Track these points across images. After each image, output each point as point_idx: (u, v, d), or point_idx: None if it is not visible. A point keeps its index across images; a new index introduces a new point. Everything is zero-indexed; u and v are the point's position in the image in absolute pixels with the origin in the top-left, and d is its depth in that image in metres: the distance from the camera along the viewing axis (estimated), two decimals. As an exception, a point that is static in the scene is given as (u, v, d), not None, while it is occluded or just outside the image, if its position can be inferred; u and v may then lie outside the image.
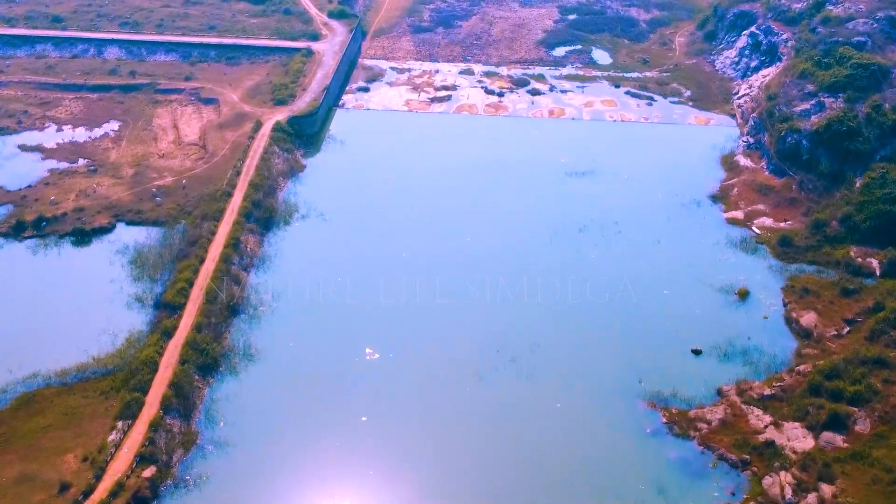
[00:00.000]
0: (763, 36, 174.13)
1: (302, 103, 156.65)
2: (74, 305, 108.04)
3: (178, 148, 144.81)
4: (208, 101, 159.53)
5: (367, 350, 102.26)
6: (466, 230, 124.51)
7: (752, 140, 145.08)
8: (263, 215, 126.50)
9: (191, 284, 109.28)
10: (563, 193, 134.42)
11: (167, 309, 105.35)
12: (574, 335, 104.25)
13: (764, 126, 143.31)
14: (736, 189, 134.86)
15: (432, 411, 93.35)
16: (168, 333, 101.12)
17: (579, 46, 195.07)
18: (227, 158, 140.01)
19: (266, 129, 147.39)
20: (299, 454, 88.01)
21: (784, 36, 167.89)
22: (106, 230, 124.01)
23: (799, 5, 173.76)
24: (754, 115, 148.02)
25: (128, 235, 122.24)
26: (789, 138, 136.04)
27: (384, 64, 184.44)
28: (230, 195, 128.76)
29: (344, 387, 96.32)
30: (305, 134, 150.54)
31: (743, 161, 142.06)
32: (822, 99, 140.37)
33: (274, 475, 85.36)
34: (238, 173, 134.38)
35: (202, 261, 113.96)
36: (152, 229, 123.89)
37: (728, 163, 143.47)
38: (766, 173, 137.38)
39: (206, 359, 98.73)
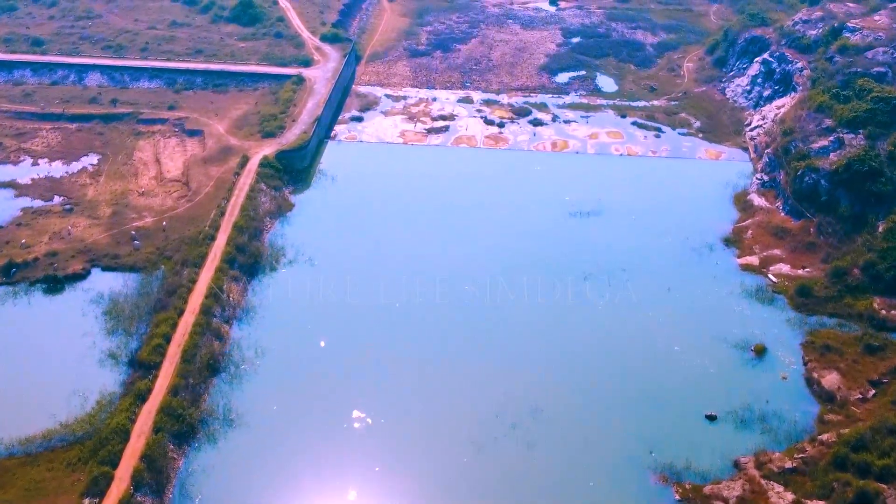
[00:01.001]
0: (776, 64, 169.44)
1: (291, 136, 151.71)
2: (43, 362, 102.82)
3: (159, 185, 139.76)
4: (193, 133, 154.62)
5: (357, 413, 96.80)
6: (465, 277, 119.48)
7: (766, 178, 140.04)
8: (248, 260, 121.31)
9: (168, 340, 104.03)
10: (568, 236, 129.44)
11: (142, 368, 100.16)
12: (579, 398, 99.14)
13: (779, 163, 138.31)
14: (750, 232, 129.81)
15: (426, 484, 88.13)
16: (142, 397, 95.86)
17: (583, 72, 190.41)
18: (210, 196, 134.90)
19: (253, 164, 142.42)
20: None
21: (799, 65, 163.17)
22: (80, 277, 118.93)
23: (814, 32, 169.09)
24: (769, 150, 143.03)
25: (103, 282, 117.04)
26: (807, 178, 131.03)
27: (379, 91, 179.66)
28: (213, 238, 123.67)
29: (331, 457, 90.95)
30: (294, 169, 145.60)
31: (757, 201, 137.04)
32: (841, 135, 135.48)
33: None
34: (222, 213, 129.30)
35: (181, 313, 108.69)
36: (129, 276, 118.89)
37: (741, 202, 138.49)
38: (782, 215, 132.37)
39: (183, 425, 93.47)
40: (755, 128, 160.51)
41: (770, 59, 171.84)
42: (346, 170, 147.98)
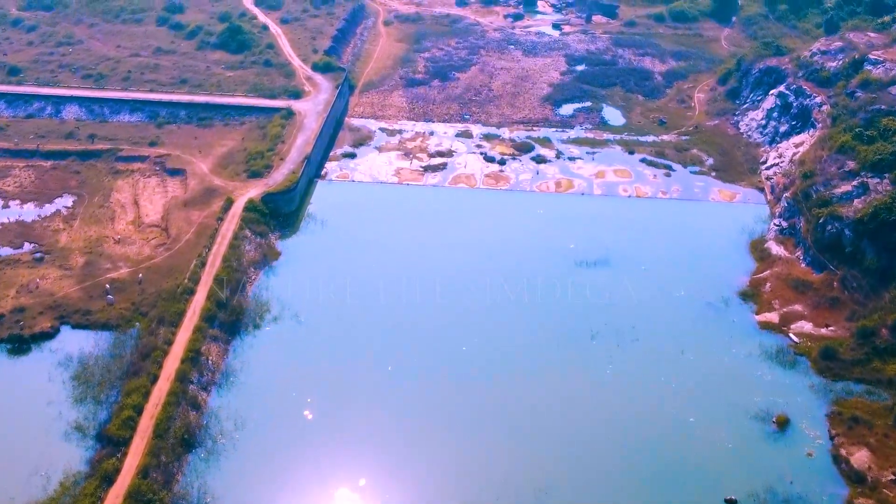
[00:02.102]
0: (793, 97, 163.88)
1: (279, 176, 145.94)
2: (3, 436, 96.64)
3: (137, 230, 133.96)
4: (175, 173, 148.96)
5: (345, 493, 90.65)
6: (462, 336, 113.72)
7: (784, 224, 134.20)
8: (229, 318, 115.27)
9: (139, 412, 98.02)
10: (573, 289, 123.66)
11: (110, 444, 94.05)
12: (586, 477, 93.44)
13: (799, 209, 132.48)
14: (769, 284, 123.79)
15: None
16: (109, 479, 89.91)
17: (588, 104, 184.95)
18: (191, 244, 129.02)
19: (237, 208, 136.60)
20: None
21: (817, 99, 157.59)
22: (48, 336, 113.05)
23: (833, 64, 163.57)
24: (787, 195, 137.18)
25: (73, 342, 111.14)
26: (829, 226, 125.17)
27: (373, 124, 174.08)
28: (192, 293, 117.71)
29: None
30: (282, 213, 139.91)
31: (775, 249, 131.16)
32: (865, 179, 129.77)
33: None
34: (203, 264, 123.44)
35: (154, 380, 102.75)
36: (101, 334, 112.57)
37: (758, 250, 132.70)
38: (803, 266, 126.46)
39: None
40: (771, 166, 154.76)
41: (786, 91, 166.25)
42: (337, 213, 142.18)
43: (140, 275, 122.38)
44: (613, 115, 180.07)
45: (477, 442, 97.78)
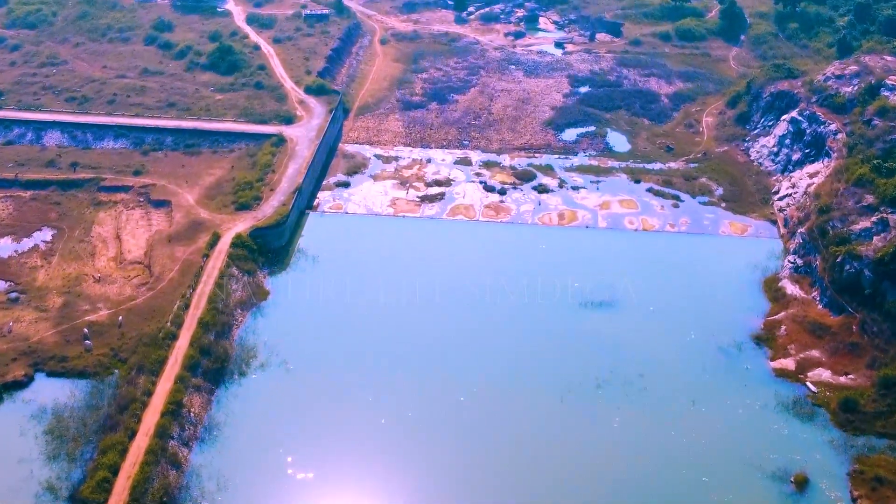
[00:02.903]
0: (807, 124, 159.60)
1: (269, 208, 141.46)
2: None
3: (118, 268, 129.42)
4: (159, 204, 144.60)
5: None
6: (460, 384, 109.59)
7: (800, 261, 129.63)
8: (213, 365, 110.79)
9: (115, 472, 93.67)
10: (577, 333, 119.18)
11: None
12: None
13: (815, 246, 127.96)
14: (784, 327, 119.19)
15: None
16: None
17: (593, 128, 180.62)
18: (175, 283, 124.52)
19: (224, 244, 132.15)
20: None
21: (832, 126, 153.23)
22: (21, 385, 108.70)
23: (848, 89, 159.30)
24: (802, 230, 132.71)
25: (47, 392, 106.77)
26: (847, 266, 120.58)
27: (368, 150, 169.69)
28: (175, 337, 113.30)
29: None
30: (271, 248, 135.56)
31: (790, 288, 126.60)
32: (885, 215, 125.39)
33: None
34: (187, 306, 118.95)
35: (132, 435, 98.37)
36: (78, 383, 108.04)
37: (772, 289, 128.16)
38: (820, 307, 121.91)
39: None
40: (784, 196, 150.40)
41: (799, 118, 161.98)
42: (329, 248, 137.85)
43: (120, 317, 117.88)
44: (618, 141, 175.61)
45: (474, 497, 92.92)
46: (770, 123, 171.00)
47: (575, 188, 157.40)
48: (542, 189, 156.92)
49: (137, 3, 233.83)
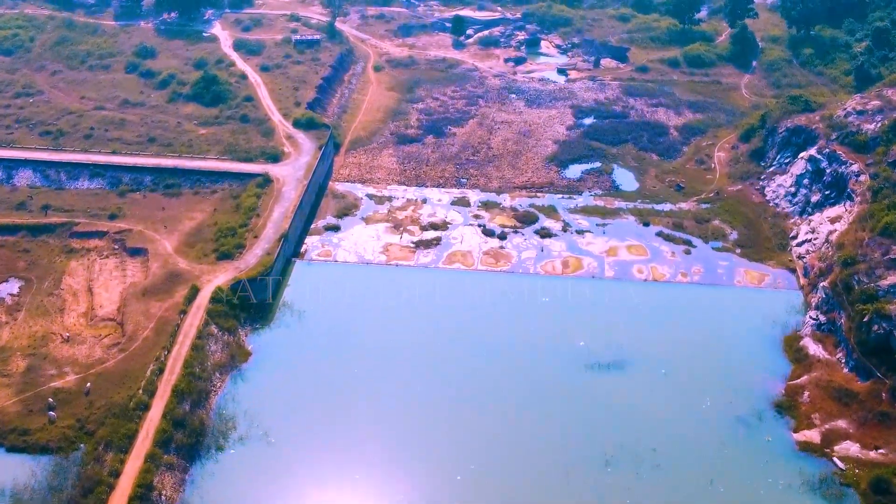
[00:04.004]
0: (826, 163, 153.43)
1: (252, 258, 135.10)
2: None
3: (88, 325, 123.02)
4: (135, 252, 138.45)
5: None
6: (456, 461, 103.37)
7: (823, 319, 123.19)
8: (188, 440, 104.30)
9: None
10: (584, 399, 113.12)
11: None
12: None
13: (839, 302, 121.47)
14: (807, 393, 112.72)
15: None
16: None
17: (598, 164, 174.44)
18: (149, 344, 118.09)
19: (203, 298, 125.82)
20: None
21: (854, 167, 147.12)
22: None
23: (871, 126, 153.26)
24: (825, 283, 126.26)
25: (6, 469, 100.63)
26: (875, 326, 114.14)
27: (360, 189, 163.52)
28: (146, 407, 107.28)
29: None
30: (254, 302, 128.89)
31: (813, 348, 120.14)
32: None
33: None
34: (161, 370, 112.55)
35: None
36: (40, 459, 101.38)
37: (793, 349, 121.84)
38: (846, 371, 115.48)
39: None
40: (803, 242, 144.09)
41: (818, 156, 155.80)
42: (317, 301, 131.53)
43: (88, 384, 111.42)
44: (626, 179, 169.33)
45: None
46: (786, 161, 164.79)
47: (580, 232, 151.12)
48: (544, 233, 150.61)
49: (119, 27, 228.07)
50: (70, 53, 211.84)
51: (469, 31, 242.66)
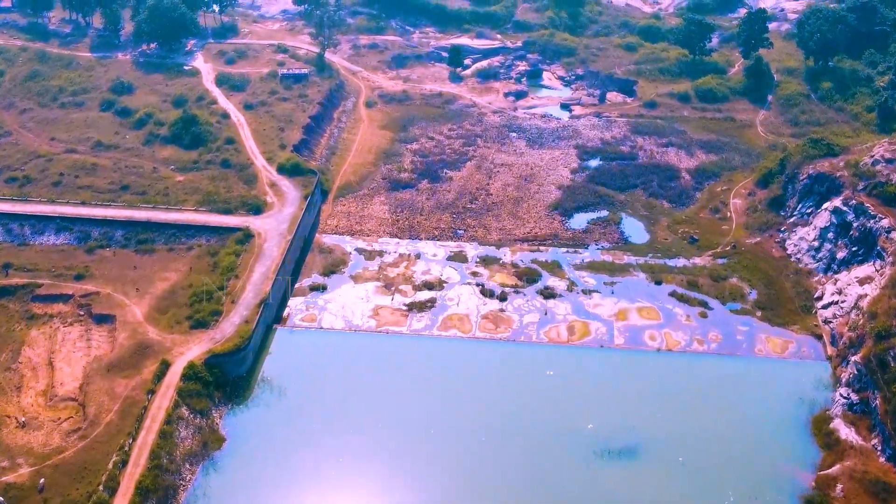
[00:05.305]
0: (853, 216, 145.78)
1: (229, 326, 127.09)
2: None
3: (47, 406, 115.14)
4: (102, 320, 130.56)
5: None
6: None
7: (855, 398, 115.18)
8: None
9: None
10: (594, 492, 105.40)
11: None
12: None
13: (873, 380, 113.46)
14: (840, 486, 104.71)
15: None
16: None
17: (605, 213, 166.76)
18: (112, 430, 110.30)
19: (174, 375, 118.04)
20: None
21: (884, 222, 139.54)
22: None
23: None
24: (856, 357, 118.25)
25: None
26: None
27: (349, 243, 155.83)
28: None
29: None
30: (230, 378, 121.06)
31: (844, 432, 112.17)
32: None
33: None
34: (125, 461, 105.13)
35: None
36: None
37: (823, 432, 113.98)
38: (882, 460, 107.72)
39: None
40: (829, 304, 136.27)
41: (844, 208, 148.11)
42: (300, 375, 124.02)
43: (42, 480, 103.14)
44: (635, 229, 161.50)
45: None
46: (809, 211, 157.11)
47: (586, 292, 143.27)
48: (548, 293, 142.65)
49: (96, 60, 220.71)
50: (41, 90, 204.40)
51: (467, 62, 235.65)
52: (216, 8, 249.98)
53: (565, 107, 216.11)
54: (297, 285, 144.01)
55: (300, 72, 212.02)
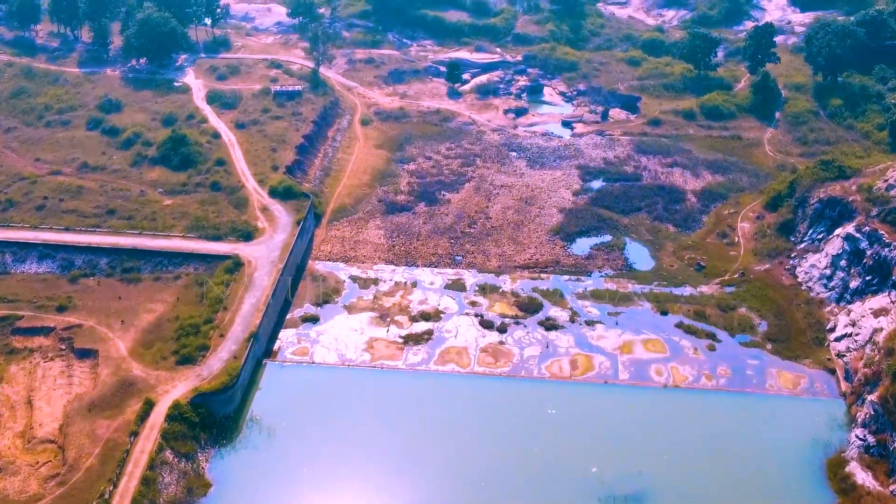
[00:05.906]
0: (866, 243, 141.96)
1: (216, 362, 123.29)
2: None
3: (25, 449, 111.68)
4: (84, 355, 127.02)
5: None
6: None
7: (871, 439, 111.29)
8: None
9: None
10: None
11: None
12: None
13: (891, 422, 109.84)
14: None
15: None
16: None
17: (608, 237, 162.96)
18: (92, 476, 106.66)
19: (158, 415, 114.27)
20: None
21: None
22: None
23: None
24: (872, 397, 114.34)
25: None
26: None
27: (343, 270, 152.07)
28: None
29: None
30: (216, 418, 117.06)
31: (860, 476, 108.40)
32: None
33: None
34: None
35: None
36: None
37: (838, 476, 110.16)
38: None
39: None
40: (843, 337, 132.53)
41: (857, 234, 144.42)
42: (290, 413, 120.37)
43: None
44: (639, 255, 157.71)
45: None
46: (820, 237, 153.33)
47: (589, 323, 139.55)
48: (549, 324, 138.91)
49: (84, 76, 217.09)
50: (27, 107, 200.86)
51: (466, 76, 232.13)
52: (208, 21, 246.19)
53: (567, 124, 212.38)
54: (288, 316, 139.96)
55: (294, 88, 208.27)
